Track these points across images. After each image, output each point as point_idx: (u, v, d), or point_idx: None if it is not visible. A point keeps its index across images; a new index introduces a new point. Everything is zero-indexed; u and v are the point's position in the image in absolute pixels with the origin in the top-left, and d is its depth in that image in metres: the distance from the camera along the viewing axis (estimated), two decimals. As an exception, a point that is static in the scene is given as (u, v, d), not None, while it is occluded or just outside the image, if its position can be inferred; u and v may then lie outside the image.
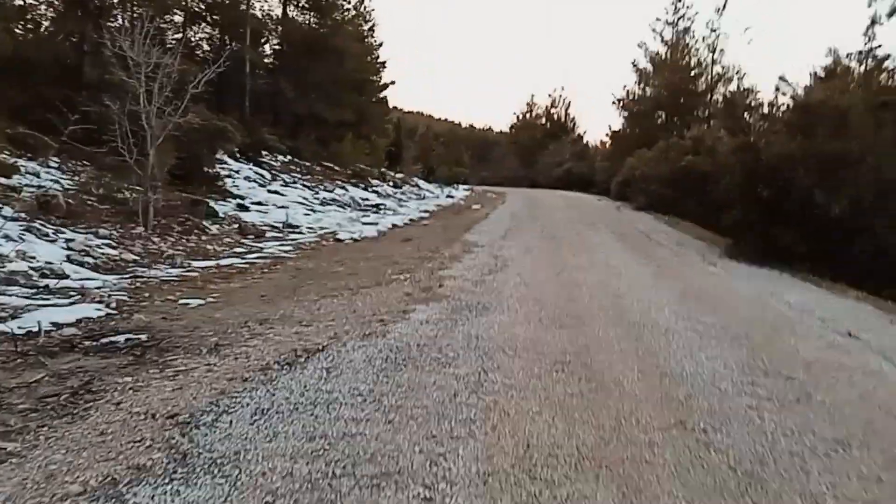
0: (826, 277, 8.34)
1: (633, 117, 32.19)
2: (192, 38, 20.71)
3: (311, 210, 16.15)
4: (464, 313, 5.52)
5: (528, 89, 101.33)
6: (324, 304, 5.86)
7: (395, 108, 45.55)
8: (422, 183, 28.43)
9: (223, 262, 8.88)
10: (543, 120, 45.02)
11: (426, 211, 18.59)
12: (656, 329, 5.25)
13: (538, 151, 41.09)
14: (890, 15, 12.21)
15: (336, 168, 22.89)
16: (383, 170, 27.08)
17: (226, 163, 17.60)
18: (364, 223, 14.88)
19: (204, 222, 11.72)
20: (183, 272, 7.82)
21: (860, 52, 15.56)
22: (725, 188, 10.13)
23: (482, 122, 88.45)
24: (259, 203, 15.23)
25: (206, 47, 21.07)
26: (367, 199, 19.70)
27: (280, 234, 12.37)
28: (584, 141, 43.47)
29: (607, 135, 34.71)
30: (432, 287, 6.64)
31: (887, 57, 12.94)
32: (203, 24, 21.32)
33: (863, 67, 14.59)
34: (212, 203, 13.19)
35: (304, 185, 19.10)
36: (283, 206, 15.45)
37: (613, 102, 32.34)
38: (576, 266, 8.42)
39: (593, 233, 12.36)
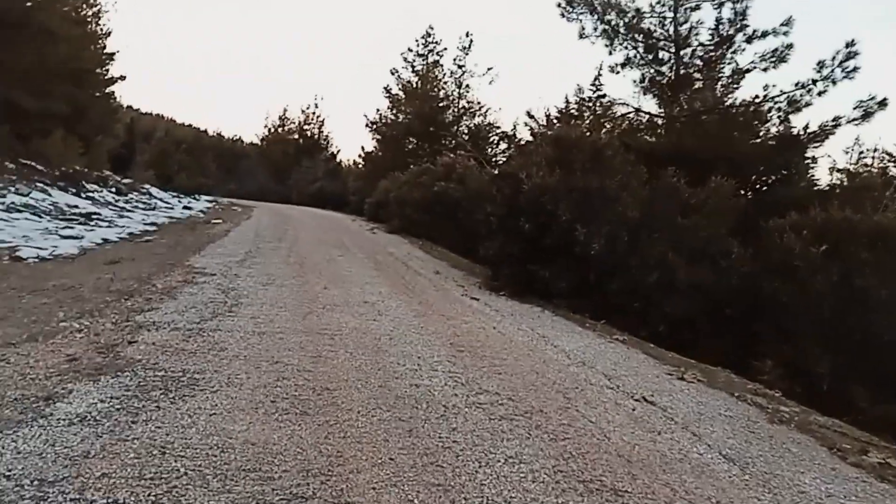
0: (584, 314, 7.79)
1: (385, 140, 31.66)
2: None
3: (-10, 218, 12.18)
4: (154, 395, 3.50)
5: (281, 102, 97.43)
6: None
7: (129, 107, 39.83)
8: (155, 191, 24.42)
9: None
10: (296, 136, 42.71)
11: (153, 224, 15.42)
12: (433, 408, 3.78)
13: (291, 167, 38.71)
14: (623, 66, 12.72)
15: (40, 168, 18.28)
16: (106, 173, 22.66)
17: None
18: (63, 236, 11.52)
19: None
20: None
21: (589, 98, 16.49)
22: (486, 217, 9.28)
23: (231, 131, 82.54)
24: None
25: None
26: (76, 207, 15.81)
27: (-76, 250, 8.74)
28: (338, 160, 42.15)
29: (360, 156, 33.75)
30: (118, 344, 4.44)
31: (614, 102, 13.54)
32: None
33: (594, 110, 15.31)
34: None
35: (-13, 186, 14.66)
36: (-57, 211, 11.39)
37: (367, 125, 31.51)
38: (328, 304, 6.73)
39: (347, 259, 10.80)
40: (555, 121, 17.35)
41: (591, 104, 15.14)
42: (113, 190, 20.46)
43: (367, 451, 3.04)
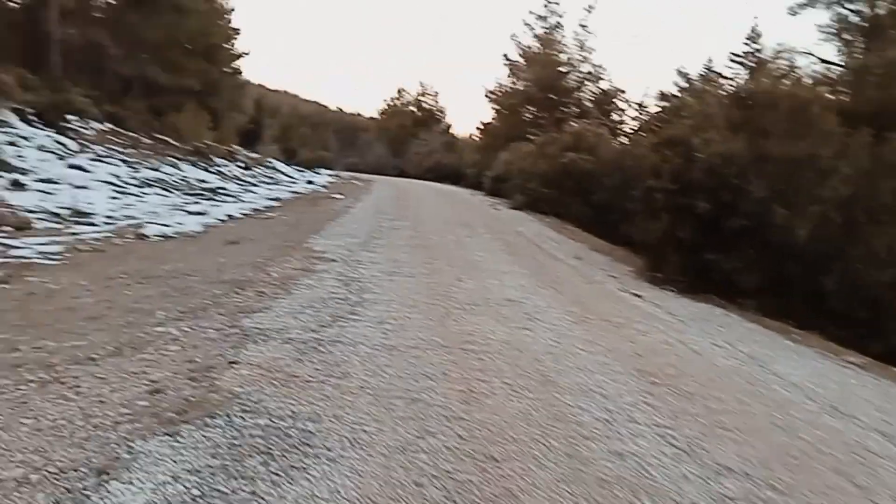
0: (783, 320, 6.00)
1: (503, 110, 30.00)
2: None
3: (122, 192, 11.97)
4: (250, 468, 2.33)
5: (399, 76, 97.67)
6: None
7: (259, 85, 40.60)
8: (280, 165, 24.37)
9: None
10: (413, 108, 41.94)
11: (276, 199, 14.88)
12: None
13: (408, 140, 38.02)
14: (806, 5, 10.32)
15: (172, 142, 18.38)
16: (234, 148, 22.75)
17: (11, 125, 12.86)
18: (189, 212, 11.05)
19: (-70, 205, 7.50)
20: None
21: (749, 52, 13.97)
22: (645, 193, 7.59)
23: (352, 106, 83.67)
24: (48, 181, 10.88)
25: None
26: (204, 182, 15.62)
27: (59, 226, 8.36)
28: (453, 133, 41.04)
29: (477, 128, 32.33)
30: (216, 367, 3.35)
31: (790, 51, 11.10)
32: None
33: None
34: (-42, 178, 8.90)
35: (124, 161, 14.65)
36: (81, 187, 11.23)
37: (486, 95, 29.93)
38: (466, 302, 5.44)
39: (475, 241, 9.49)
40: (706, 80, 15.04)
41: (750, 58, 12.69)
42: (240, 164, 20.39)
43: None
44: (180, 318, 4.23)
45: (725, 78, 14.02)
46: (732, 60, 14.60)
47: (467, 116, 64.20)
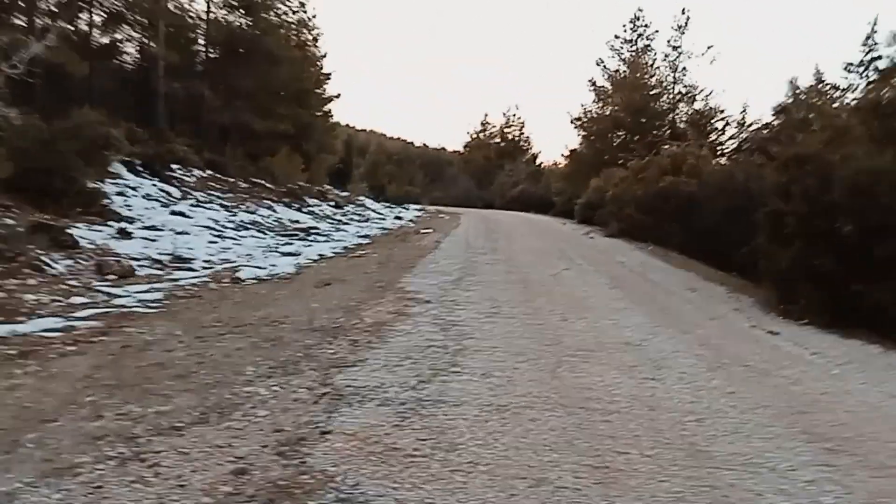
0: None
1: (590, 136, 29.14)
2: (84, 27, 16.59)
3: (220, 236, 12.19)
4: None
5: (481, 108, 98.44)
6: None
7: (347, 125, 41.80)
8: (369, 202, 24.62)
9: (26, 327, 5.05)
10: (497, 139, 41.72)
11: (366, 236, 14.80)
12: None
13: (492, 171, 37.72)
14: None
15: (267, 185, 18.88)
16: (325, 188, 23.18)
17: (121, 177, 13.50)
18: (282, 253, 11.05)
19: (45, 257, 7.71)
20: None
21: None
22: (769, 217, 6.69)
23: (435, 141, 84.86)
24: (152, 228, 11.23)
25: (103, 40, 16.99)
26: (297, 222, 15.80)
27: (160, 272, 8.45)
28: (538, 162, 40.38)
29: (563, 155, 31.53)
30: (306, 438, 2.91)
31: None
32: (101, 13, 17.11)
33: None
34: (73, 229, 9.21)
35: (222, 206, 15.09)
36: (182, 232, 11.50)
37: (571, 121, 29.18)
38: (577, 347, 4.80)
39: (575, 273, 8.82)
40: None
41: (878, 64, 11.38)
42: (331, 203, 20.67)
43: None
44: (270, 375, 3.87)
45: (841, 89, 12.69)
46: (850, 69, 13.22)
47: (552, 144, 63.18)
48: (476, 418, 3.26)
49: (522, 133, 41.29)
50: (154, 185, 14.41)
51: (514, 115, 41.68)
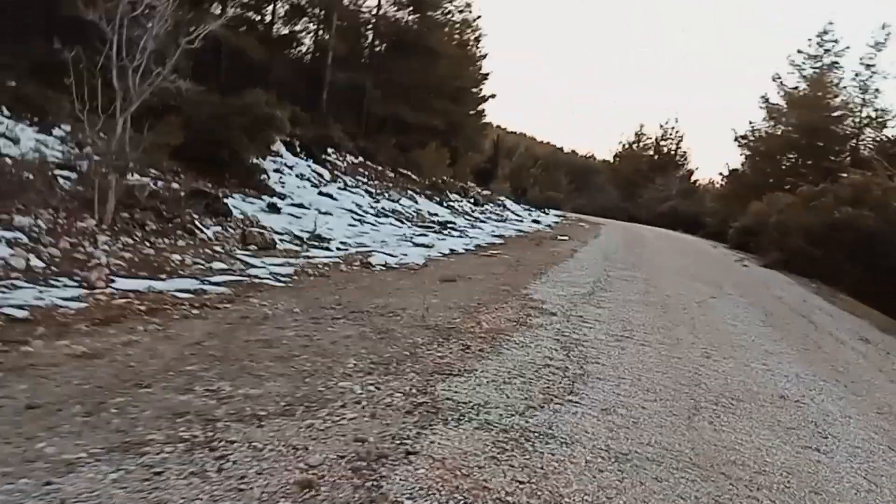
0: None
1: (756, 157, 26.54)
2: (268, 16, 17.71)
3: (360, 221, 12.38)
4: None
5: (636, 118, 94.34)
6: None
7: (498, 126, 41.72)
8: (509, 203, 24.20)
9: (164, 284, 5.25)
10: (651, 151, 39.49)
11: (500, 236, 14.38)
12: None
13: (642, 184, 35.75)
14: None
15: (413, 177, 19.13)
16: (468, 185, 23.10)
17: (280, 155, 14.22)
18: (415, 244, 10.93)
19: (200, 222, 8.15)
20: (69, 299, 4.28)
21: None
22: None
23: (585, 148, 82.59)
24: (300, 205, 11.65)
25: (283, 31, 18.07)
26: (435, 215, 15.77)
27: (297, 248, 8.64)
28: (693, 179, 37.67)
29: (721, 174, 29.07)
30: (389, 455, 2.53)
31: None
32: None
33: None
34: (229, 199, 9.73)
35: (367, 192, 15.42)
36: (326, 213, 11.81)
37: (735, 139, 26.77)
38: (722, 394, 4.02)
39: (723, 303, 7.77)
40: None
41: None
42: (471, 201, 20.52)
43: None
44: (370, 371, 3.56)
45: None
46: None
47: (708, 162, 58.99)
48: (588, 465, 2.70)
49: (679, 147, 38.77)
50: (308, 165, 15.03)
51: (673, 127, 39.24)
